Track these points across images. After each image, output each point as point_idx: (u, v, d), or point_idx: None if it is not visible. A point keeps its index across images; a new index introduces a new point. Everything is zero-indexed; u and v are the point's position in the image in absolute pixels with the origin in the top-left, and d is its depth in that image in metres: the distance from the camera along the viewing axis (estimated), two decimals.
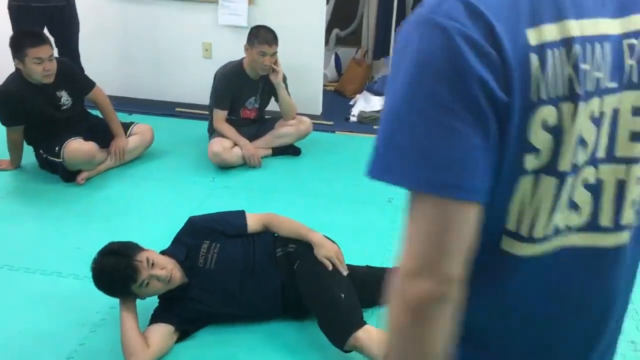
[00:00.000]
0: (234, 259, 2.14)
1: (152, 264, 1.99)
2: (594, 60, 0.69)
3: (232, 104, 3.58)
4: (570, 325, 0.79)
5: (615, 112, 0.72)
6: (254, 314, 2.15)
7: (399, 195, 2.84)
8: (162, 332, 2.04)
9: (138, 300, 2.08)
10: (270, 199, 3.11)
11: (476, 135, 0.64)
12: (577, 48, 0.68)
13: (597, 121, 0.71)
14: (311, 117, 3.85)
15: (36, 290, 2.41)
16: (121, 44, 4.40)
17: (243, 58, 3.55)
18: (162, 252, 2.18)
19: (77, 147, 3.18)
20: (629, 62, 0.71)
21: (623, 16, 0.71)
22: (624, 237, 0.77)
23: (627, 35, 0.71)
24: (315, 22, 4.00)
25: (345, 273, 2.06)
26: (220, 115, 3.55)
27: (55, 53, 3.35)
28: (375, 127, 1.39)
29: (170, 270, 2.02)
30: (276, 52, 3.46)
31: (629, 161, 0.74)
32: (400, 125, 0.67)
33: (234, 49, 3.75)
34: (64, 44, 3.73)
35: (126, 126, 3.56)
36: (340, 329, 1.90)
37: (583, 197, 0.73)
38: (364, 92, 4.51)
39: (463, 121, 0.64)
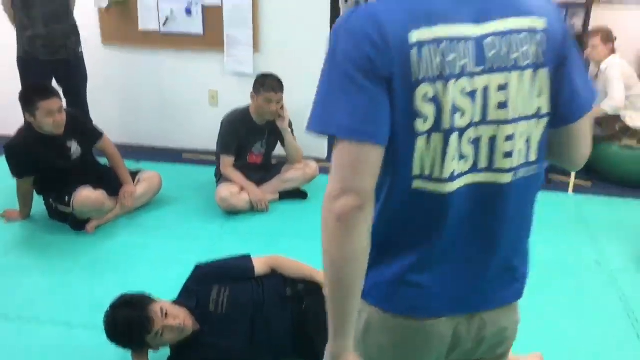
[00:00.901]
0: (244, 302, 2.14)
1: (166, 315, 1.98)
2: (458, 52, 0.98)
3: (239, 150, 3.62)
4: (474, 238, 1.08)
5: (485, 89, 1.01)
6: (267, 356, 2.13)
7: None
8: None
9: (150, 352, 2.06)
10: (278, 243, 3.11)
11: (373, 96, 0.95)
12: (444, 44, 0.97)
13: (471, 94, 1.00)
14: (317, 160, 3.89)
15: (46, 342, 2.39)
16: (128, 93, 4.48)
17: (249, 104, 3.61)
18: (173, 302, 2.17)
19: (86, 196, 3.21)
20: (489, 54, 1.00)
21: (480, 23, 1.00)
22: (505, 177, 1.05)
23: (485, 36, 1.00)
24: (320, 69, 4.07)
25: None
26: (227, 160, 3.59)
27: (64, 104, 3.42)
28: None
29: (183, 320, 2.02)
30: (282, 99, 3.52)
31: (498, 123, 1.02)
32: (326, 94, 0.99)
33: (239, 96, 3.82)
34: (72, 95, 3.80)
35: (134, 174, 3.60)
36: None
37: (467, 149, 1.02)
38: None
39: (363, 87, 0.95)
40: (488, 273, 1.11)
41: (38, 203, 3.42)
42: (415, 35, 0.96)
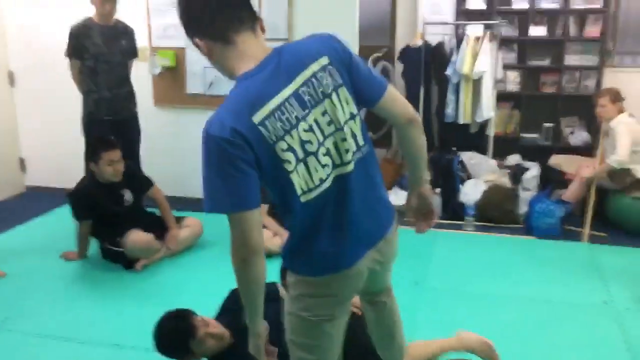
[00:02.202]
0: (271, 318, 2.42)
1: (207, 324, 2.30)
2: (288, 112, 1.43)
3: (273, 198, 3.97)
4: (346, 209, 1.56)
5: (316, 120, 1.48)
6: None
7: (425, 279, 3.14)
8: None
9: None
10: None
11: (241, 176, 1.39)
12: (277, 113, 1.42)
13: (309, 129, 1.47)
14: None
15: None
16: (176, 148, 4.95)
17: None
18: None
19: (137, 237, 3.62)
20: (306, 98, 1.46)
21: (294, 79, 1.45)
22: (350, 167, 1.54)
23: (298, 89, 1.46)
24: None
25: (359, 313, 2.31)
26: (262, 208, 3.93)
27: None
28: (405, 218, 1.69)
29: (222, 329, 2.33)
30: None
31: (331, 134, 1.50)
32: (209, 184, 1.43)
33: None
34: (127, 149, 4.24)
35: (178, 219, 4.00)
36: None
37: (325, 159, 1.50)
38: (394, 187, 4.88)
39: (231, 173, 1.38)
40: (366, 221, 1.61)
41: (92, 246, 3.84)
42: (257, 118, 1.40)
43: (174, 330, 2.30)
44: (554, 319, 3.04)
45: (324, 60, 1.50)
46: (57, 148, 5.18)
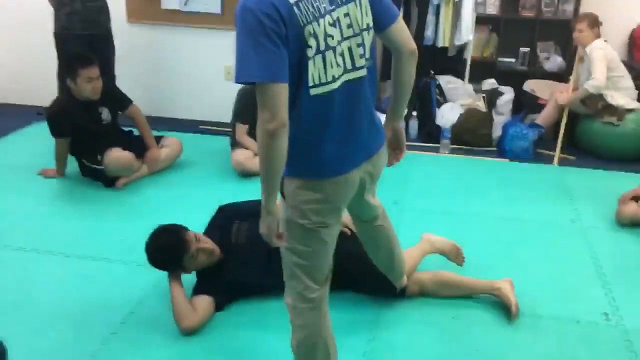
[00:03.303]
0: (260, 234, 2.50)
1: (199, 239, 2.37)
2: (319, 1, 1.52)
3: (253, 119, 3.95)
4: (351, 116, 1.66)
5: (338, 18, 1.56)
6: (281, 283, 2.49)
7: (404, 199, 3.25)
8: (204, 302, 2.40)
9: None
10: None
11: (274, 49, 1.44)
12: None
13: (334, 24, 1.55)
14: None
15: (88, 273, 2.78)
16: (150, 67, 4.86)
17: None
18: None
19: (117, 156, 3.60)
20: None
21: None
22: (362, 72, 1.65)
23: None
24: None
25: (348, 233, 2.45)
26: (242, 128, 3.95)
27: None
28: None
29: (213, 244, 2.40)
30: None
31: (349, 38, 1.59)
32: (243, 55, 1.46)
33: None
34: (102, 67, 4.14)
35: (157, 139, 3.98)
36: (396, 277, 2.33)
37: (339, 59, 1.58)
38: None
39: (267, 47, 1.43)
40: (366, 132, 1.72)
41: (70, 164, 3.81)
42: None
43: (168, 245, 2.36)
44: (525, 236, 3.20)
45: None
46: (26, 63, 5.02)
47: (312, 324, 1.83)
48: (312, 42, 1.50)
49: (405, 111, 1.97)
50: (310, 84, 1.54)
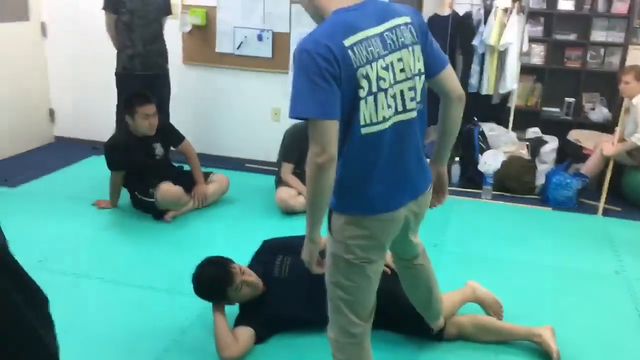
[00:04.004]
0: (303, 268, 2.55)
1: (243, 272, 2.45)
2: (373, 46, 1.63)
3: (298, 159, 4.09)
4: (400, 155, 1.74)
5: (392, 63, 1.67)
6: (323, 318, 2.54)
7: (444, 242, 3.28)
8: (246, 333, 2.47)
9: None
10: None
11: (328, 88, 1.55)
12: (364, 42, 1.61)
13: (386, 68, 1.65)
14: None
15: (135, 300, 2.89)
16: (203, 106, 5.07)
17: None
18: None
19: (167, 189, 3.76)
20: (388, 42, 1.66)
21: (381, 23, 1.67)
22: (412, 114, 1.74)
23: (383, 32, 1.66)
24: None
25: (388, 272, 2.46)
26: (287, 167, 4.08)
27: None
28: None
29: (257, 277, 2.48)
30: None
31: (402, 81, 1.69)
32: (298, 91, 1.56)
33: None
34: (158, 105, 4.37)
35: (206, 175, 4.14)
36: (433, 317, 2.36)
37: (390, 101, 1.67)
38: None
39: (320, 84, 1.54)
40: (413, 172, 1.80)
41: (123, 196, 3.99)
42: (347, 42, 1.59)
43: (213, 276, 2.45)
44: (567, 285, 3.17)
45: (408, 19, 1.73)
46: (86, 100, 5.31)
47: (354, 359, 1.86)
48: (364, 83, 1.61)
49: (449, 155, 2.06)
50: (362, 123, 1.63)
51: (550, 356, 2.44)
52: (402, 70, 1.69)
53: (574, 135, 4.93)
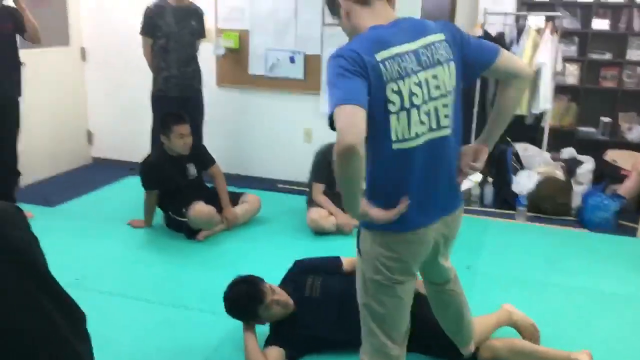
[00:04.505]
0: (334, 289, 2.58)
1: (274, 291, 2.46)
2: (406, 61, 1.63)
3: (329, 179, 4.10)
4: (431, 173, 1.72)
5: (426, 79, 1.66)
6: (353, 339, 2.51)
7: (477, 265, 3.23)
8: (276, 353, 2.47)
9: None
10: None
11: (355, 78, 1.55)
12: (397, 58, 1.62)
13: (419, 84, 1.65)
14: None
15: (167, 319, 2.92)
16: (236, 127, 5.14)
17: None
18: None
19: (200, 209, 3.81)
20: (423, 58, 1.66)
21: (415, 40, 1.67)
22: (446, 131, 1.73)
23: (418, 49, 1.66)
24: None
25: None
26: (318, 188, 4.09)
27: None
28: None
29: (287, 297, 2.48)
30: None
31: (436, 98, 1.68)
32: (331, 90, 1.55)
33: (331, 135, 4.29)
34: (192, 126, 4.46)
35: (238, 195, 4.18)
36: (463, 342, 2.30)
37: (424, 118, 1.66)
38: None
39: (350, 78, 1.54)
40: (444, 191, 1.78)
41: (156, 216, 4.06)
42: (379, 56, 1.60)
43: (245, 294, 2.46)
44: (605, 309, 3.08)
45: (442, 36, 1.73)
46: (122, 123, 5.44)
47: None
48: (394, 98, 1.61)
49: (481, 173, 1.99)
50: (394, 138, 1.63)
51: None
52: (437, 88, 1.68)
53: (611, 155, 4.84)
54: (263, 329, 2.61)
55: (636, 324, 2.96)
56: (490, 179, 4.74)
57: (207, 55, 4.86)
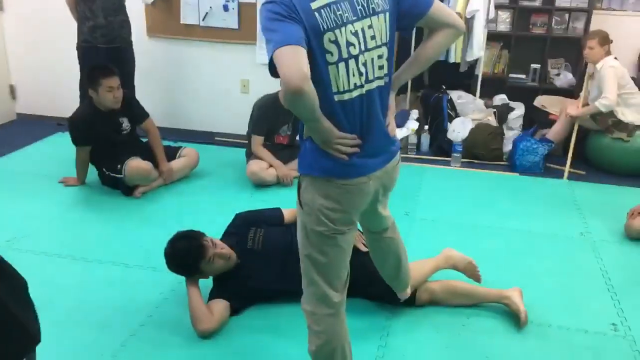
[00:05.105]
0: (277, 240, 2.60)
1: (215, 245, 2.45)
2: (342, 10, 1.60)
3: (268, 131, 4.07)
4: (370, 124, 1.73)
5: (363, 29, 1.65)
6: (296, 288, 2.55)
7: (415, 210, 3.31)
8: (220, 305, 2.48)
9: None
10: None
11: (292, 23, 1.54)
12: (333, 6, 1.59)
13: (356, 34, 1.64)
14: None
15: (108, 277, 2.87)
16: (169, 80, 4.98)
17: (278, 91, 4.06)
18: None
19: (136, 165, 3.71)
20: (358, 7, 1.64)
21: None
22: (381, 82, 1.73)
23: None
24: None
25: (364, 250, 2.44)
26: (257, 140, 4.05)
27: None
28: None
29: (229, 250, 2.48)
30: None
31: (372, 49, 1.68)
32: (269, 34, 1.54)
33: (268, 86, 4.23)
34: (123, 79, 4.27)
35: (175, 149, 4.09)
36: (400, 287, 2.36)
37: (362, 68, 1.66)
38: None
39: (285, 22, 1.53)
40: (382, 141, 1.79)
41: (90, 173, 3.93)
42: (314, 4, 1.58)
43: (185, 250, 2.44)
44: (535, 248, 3.26)
45: None
46: (48, 76, 5.16)
47: (331, 330, 1.89)
48: (332, 48, 1.60)
49: (417, 121, 2.01)
50: (334, 90, 1.63)
51: (518, 317, 2.52)
52: (372, 38, 1.67)
53: (540, 101, 5.00)
54: (206, 282, 2.61)
55: (562, 260, 3.14)
56: (426, 127, 4.82)
57: (136, 4, 4.64)
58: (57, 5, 4.28)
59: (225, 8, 4.65)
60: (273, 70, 1.53)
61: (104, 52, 4.11)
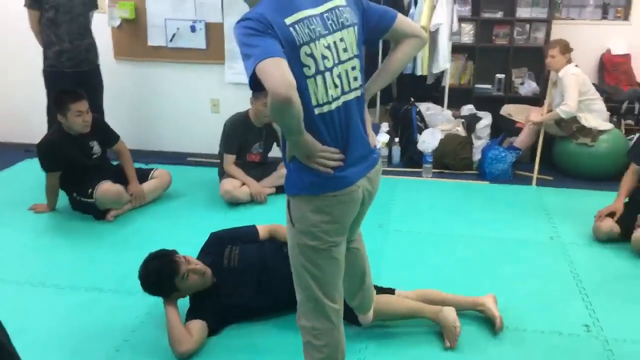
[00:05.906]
0: (252, 257, 2.60)
1: (189, 261, 2.44)
2: (314, 24, 1.67)
3: (240, 149, 4.08)
4: (349, 134, 1.77)
5: (335, 43, 1.71)
6: (273, 305, 2.56)
7: (388, 222, 3.34)
8: (198, 326, 2.45)
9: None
10: None
11: (270, 39, 1.58)
12: (306, 21, 1.65)
13: (329, 47, 1.70)
14: None
15: (82, 303, 2.83)
16: (138, 102, 4.96)
17: (248, 109, 4.09)
18: None
19: (107, 188, 3.68)
20: (328, 22, 1.70)
21: (318, 5, 1.71)
22: (357, 93, 1.79)
23: (323, 13, 1.71)
24: None
25: None
26: (229, 159, 4.05)
27: None
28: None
29: (203, 265, 2.47)
30: None
31: (345, 61, 1.74)
32: (248, 50, 1.57)
33: (239, 104, 4.28)
34: (91, 103, 4.22)
35: (147, 171, 4.07)
36: (362, 309, 2.32)
37: (337, 81, 1.71)
38: None
39: (263, 38, 1.57)
40: (362, 149, 1.82)
41: (61, 199, 3.87)
42: (288, 20, 1.63)
43: (159, 268, 2.43)
44: (507, 254, 3.31)
45: (344, 2, 1.78)
46: (14, 102, 5.10)
47: (334, 342, 1.89)
48: (308, 61, 1.65)
49: (387, 134, 2.04)
50: (314, 103, 1.67)
51: (493, 323, 2.55)
52: (345, 50, 1.73)
53: (506, 110, 5.11)
54: (184, 303, 2.59)
55: (534, 264, 3.20)
56: (396, 139, 4.89)
57: (102, 27, 4.63)
58: (21, 30, 4.24)
59: (193, 29, 4.66)
60: (255, 85, 1.55)
61: (71, 76, 4.09)
